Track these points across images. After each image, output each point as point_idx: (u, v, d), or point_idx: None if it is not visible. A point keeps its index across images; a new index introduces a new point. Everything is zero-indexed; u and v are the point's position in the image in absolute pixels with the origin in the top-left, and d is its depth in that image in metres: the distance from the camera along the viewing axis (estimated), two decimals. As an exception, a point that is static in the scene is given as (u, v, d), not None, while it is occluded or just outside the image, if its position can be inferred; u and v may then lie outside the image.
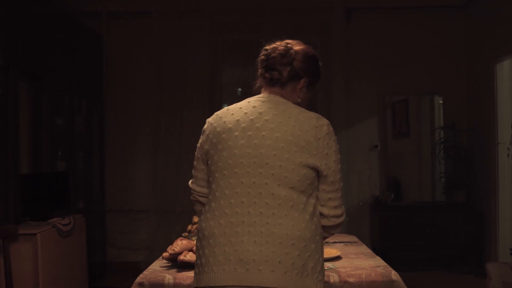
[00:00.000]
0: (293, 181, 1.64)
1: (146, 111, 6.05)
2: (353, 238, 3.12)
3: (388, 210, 5.73)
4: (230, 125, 1.72)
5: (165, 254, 2.40)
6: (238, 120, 1.72)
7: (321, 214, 1.73)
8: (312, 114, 1.73)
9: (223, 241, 1.63)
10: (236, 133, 1.70)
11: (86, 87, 5.38)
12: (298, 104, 1.79)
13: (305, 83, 1.80)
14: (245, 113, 1.73)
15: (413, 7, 6.00)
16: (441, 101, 6.08)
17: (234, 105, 1.80)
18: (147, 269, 2.33)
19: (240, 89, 6.30)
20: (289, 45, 1.79)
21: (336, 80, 5.94)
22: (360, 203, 6.03)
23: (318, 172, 1.69)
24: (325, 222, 1.73)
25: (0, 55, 3.74)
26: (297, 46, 1.80)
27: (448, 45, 6.06)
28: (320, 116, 1.75)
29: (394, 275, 2.19)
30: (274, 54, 1.77)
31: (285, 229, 1.61)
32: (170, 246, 2.39)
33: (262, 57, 1.81)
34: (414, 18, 6.05)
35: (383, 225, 5.64)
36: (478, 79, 5.75)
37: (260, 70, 1.82)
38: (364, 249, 2.78)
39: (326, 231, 1.77)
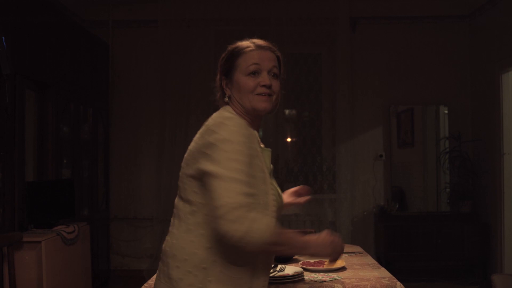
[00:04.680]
0: (181, 189, 1.61)
1: (151, 120, 6.07)
2: (357, 248, 3.10)
3: (393, 220, 5.70)
4: None
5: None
6: None
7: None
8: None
9: None
10: None
11: (92, 95, 5.40)
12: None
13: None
14: None
15: (418, 17, 6.02)
16: (446, 111, 6.07)
17: None
18: (151, 278, 2.32)
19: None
20: None
21: (341, 90, 5.93)
22: (365, 213, 6.01)
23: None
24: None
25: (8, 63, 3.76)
26: None
27: (453, 55, 6.06)
28: (218, 114, 1.61)
29: (400, 286, 2.18)
30: None
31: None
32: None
33: None
34: (419, 28, 6.06)
35: (388, 235, 5.61)
36: (483, 89, 5.74)
37: None
38: (369, 259, 2.76)
39: None
